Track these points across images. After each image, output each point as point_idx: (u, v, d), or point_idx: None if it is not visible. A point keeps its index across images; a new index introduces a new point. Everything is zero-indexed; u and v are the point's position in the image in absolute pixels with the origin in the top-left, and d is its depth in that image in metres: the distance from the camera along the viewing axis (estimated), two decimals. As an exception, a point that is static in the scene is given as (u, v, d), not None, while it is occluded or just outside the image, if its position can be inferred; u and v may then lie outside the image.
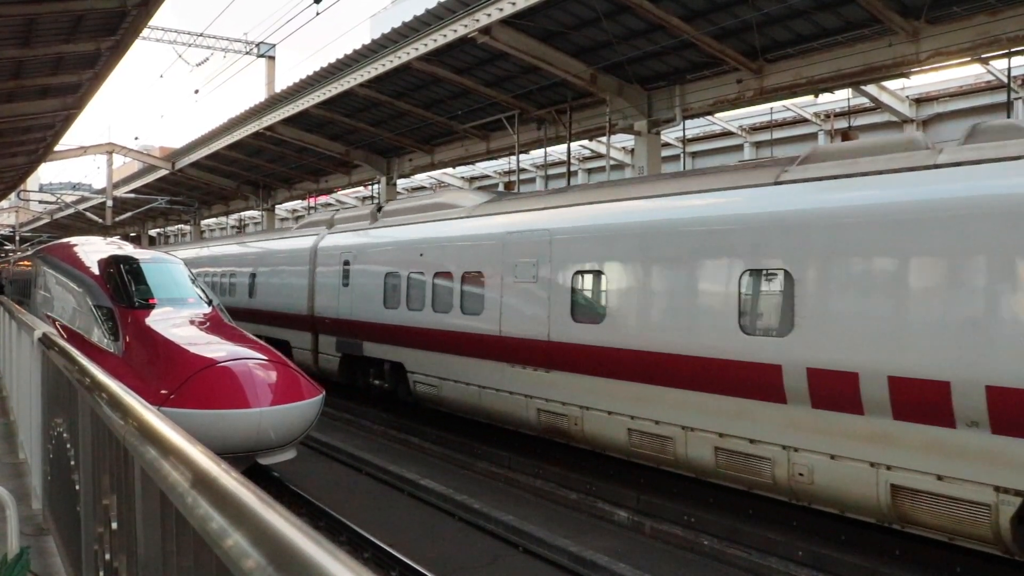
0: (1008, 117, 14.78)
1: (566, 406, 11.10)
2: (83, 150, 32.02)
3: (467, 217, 13.68)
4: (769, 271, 8.72)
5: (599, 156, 24.50)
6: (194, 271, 24.24)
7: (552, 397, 11.33)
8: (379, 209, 17.01)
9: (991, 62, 14.52)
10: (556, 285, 11.30)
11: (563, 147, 18.29)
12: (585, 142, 22.37)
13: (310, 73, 19.36)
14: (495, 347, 12.30)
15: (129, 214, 40.11)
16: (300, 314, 18.51)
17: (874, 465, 7.63)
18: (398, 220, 15.77)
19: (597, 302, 10.88)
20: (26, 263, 20.83)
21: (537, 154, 22.22)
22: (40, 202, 50.93)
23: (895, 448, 7.47)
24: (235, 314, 20.24)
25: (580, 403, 10.88)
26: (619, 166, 23.85)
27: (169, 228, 52.50)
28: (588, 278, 11.11)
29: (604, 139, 17.80)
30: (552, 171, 25.38)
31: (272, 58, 42.72)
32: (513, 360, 11.97)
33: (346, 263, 16.75)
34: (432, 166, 23.93)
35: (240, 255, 22.97)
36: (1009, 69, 13.72)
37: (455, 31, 14.31)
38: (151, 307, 12.06)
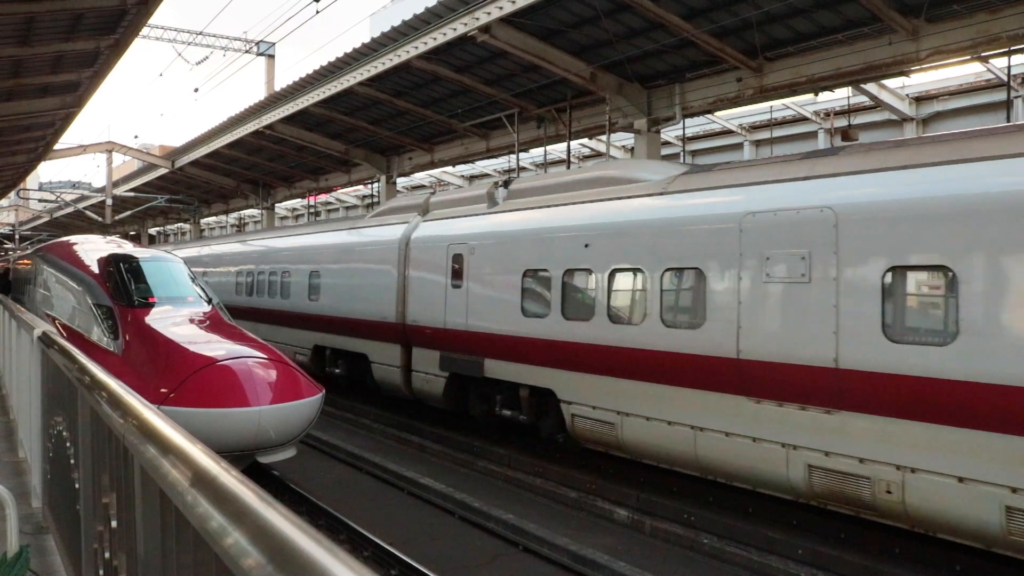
0: (1008, 115, 14.77)
1: (868, 464, 7.78)
2: (83, 149, 31.99)
3: (661, 194, 10.41)
4: None
5: (599, 155, 24.51)
6: (230, 270, 22.09)
7: (838, 449, 8.02)
8: (504, 185, 13.64)
9: (991, 60, 14.51)
10: (850, 286, 7.98)
11: (563, 145, 18.29)
12: (585, 140, 22.37)
13: (310, 72, 19.35)
14: (726, 374, 9.03)
15: (129, 212, 40.10)
16: (384, 322, 15.20)
17: None
18: (537, 201, 12.43)
19: (939, 312, 7.50)
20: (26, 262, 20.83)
21: (537, 153, 22.23)
22: (40, 200, 50.91)
23: None
24: (289, 320, 19.07)
25: (898, 460, 7.55)
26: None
27: (169, 227, 52.47)
28: (917, 278, 7.75)
29: (604, 137, 17.79)
30: (552, 169, 25.37)
31: (272, 56, 42.73)
32: (760, 393, 8.72)
33: (456, 258, 13.49)
34: (432, 165, 23.91)
35: (294, 250, 19.69)
36: (1009, 67, 13.70)
37: (455, 29, 14.30)
38: (151, 306, 12.06)
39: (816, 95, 15.68)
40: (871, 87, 16.59)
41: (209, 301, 13.02)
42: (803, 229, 8.42)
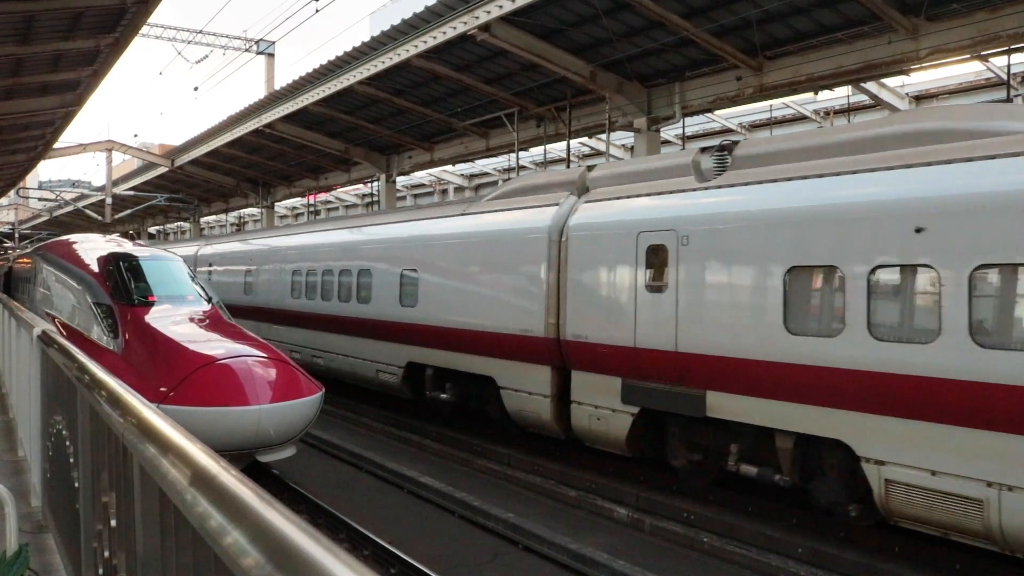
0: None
1: None
2: (82, 147, 32.00)
3: None
4: None
5: (599, 153, 24.50)
6: (278, 267, 19.83)
7: None
8: (722, 151, 9.83)
9: (990, 59, 14.51)
10: None
11: (562, 144, 18.29)
12: (585, 139, 22.37)
13: (309, 70, 19.35)
14: None
15: (128, 211, 40.10)
16: (525, 335, 11.61)
17: None
18: (795, 170, 8.74)
19: None
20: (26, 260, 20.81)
21: (536, 151, 22.23)
22: (40, 199, 50.91)
23: None
24: (371, 330, 15.38)
25: None
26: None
27: (169, 226, 52.47)
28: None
29: (604, 136, 17.79)
30: (551, 168, 25.40)
31: (271, 55, 42.75)
32: None
33: (654, 251, 9.92)
34: (431, 163, 23.92)
35: (378, 244, 15.73)
36: (1009, 66, 13.71)
37: (455, 28, 14.30)
38: (150, 304, 12.06)
39: (816, 94, 15.68)
40: (871, 86, 16.58)
41: (209, 300, 13.03)
42: None
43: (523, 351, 11.75)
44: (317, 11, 23.08)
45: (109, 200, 33.61)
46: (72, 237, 16.91)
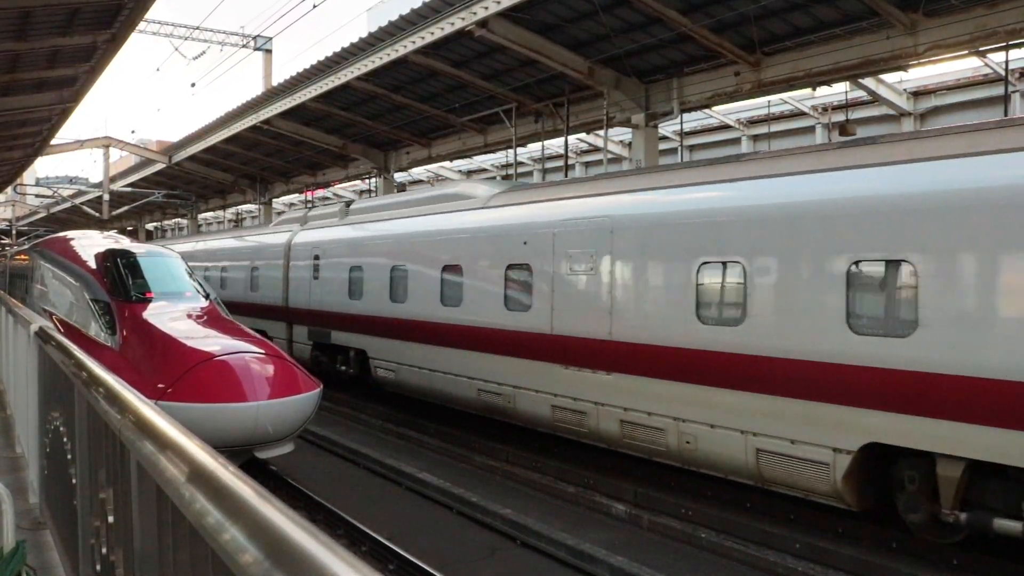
0: (1005, 110, 14.77)
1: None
2: (80, 144, 31.94)
3: None
4: None
5: (596, 150, 24.47)
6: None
7: None
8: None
9: (989, 55, 14.51)
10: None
11: (560, 140, 18.26)
12: (582, 135, 22.35)
13: (307, 67, 19.32)
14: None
15: (126, 208, 40.04)
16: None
17: None
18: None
19: None
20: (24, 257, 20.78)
21: (534, 147, 22.21)
22: (37, 196, 50.85)
23: None
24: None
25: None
26: (616, 159, 23.82)
27: (166, 222, 52.41)
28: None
29: (602, 132, 17.78)
30: (549, 164, 25.39)
31: (269, 51, 42.69)
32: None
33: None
34: (429, 159, 23.90)
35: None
36: (1007, 62, 13.71)
37: (452, 24, 14.27)
38: (148, 301, 12.05)
39: (814, 90, 15.68)
40: (869, 82, 16.58)
41: (207, 296, 13.02)
42: None
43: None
44: (315, 6, 23.06)
45: (106, 197, 33.52)
46: (70, 234, 16.90)
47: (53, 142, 25.47)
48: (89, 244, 13.99)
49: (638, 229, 10.19)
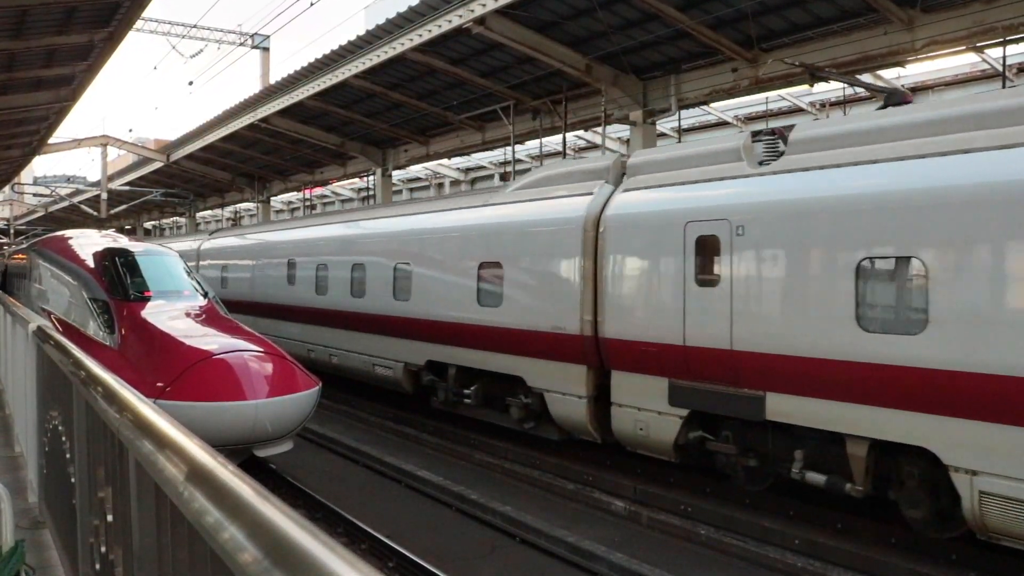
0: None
1: None
2: (77, 143, 31.87)
3: None
4: None
5: (595, 147, 24.48)
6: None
7: None
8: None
9: (986, 51, 14.50)
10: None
11: (558, 137, 18.26)
12: (581, 132, 22.34)
13: (304, 64, 19.29)
14: None
15: (124, 207, 40.00)
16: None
17: None
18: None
19: None
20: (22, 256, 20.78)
21: (532, 145, 22.20)
22: (34, 195, 50.78)
23: None
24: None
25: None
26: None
27: (164, 221, 52.38)
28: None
29: (600, 129, 17.77)
30: (548, 162, 25.40)
31: (267, 49, 42.65)
32: None
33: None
34: (427, 157, 23.87)
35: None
36: (1004, 57, 13.71)
37: (450, 21, 14.25)
38: (146, 300, 12.05)
39: (812, 86, 15.67)
40: (867, 78, 16.58)
41: (205, 295, 13.02)
42: None
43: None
44: (312, 4, 23.04)
45: (104, 195, 33.48)
46: (68, 232, 16.90)
47: (51, 141, 25.42)
48: (87, 243, 13.98)
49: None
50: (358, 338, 15.90)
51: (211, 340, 10.65)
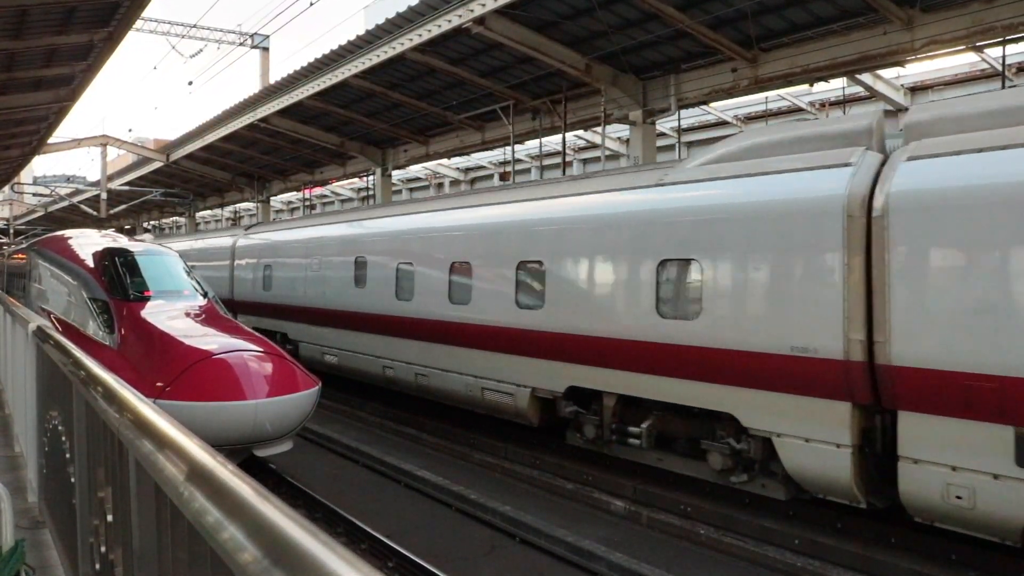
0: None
1: None
2: (77, 142, 31.85)
3: None
4: None
5: (594, 146, 24.48)
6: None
7: None
8: None
9: (985, 50, 14.50)
10: None
11: (558, 137, 18.26)
12: (580, 132, 22.34)
13: (304, 64, 19.29)
14: None
15: (123, 206, 39.97)
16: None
17: None
18: None
19: None
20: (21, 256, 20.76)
21: (532, 144, 22.20)
22: (34, 195, 50.75)
23: None
24: None
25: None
26: (614, 156, 23.83)
27: (164, 220, 52.35)
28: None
29: (599, 129, 17.77)
30: (547, 162, 25.40)
31: (266, 49, 42.63)
32: None
33: None
34: (427, 157, 23.88)
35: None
36: (1004, 57, 13.71)
37: (449, 21, 14.25)
38: (146, 299, 12.04)
39: (811, 86, 15.67)
40: (866, 77, 16.58)
41: (205, 295, 13.01)
42: None
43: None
44: (312, 4, 23.02)
45: (104, 195, 33.47)
46: (67, 232, 16.89)
47: (50, 141, 25.41)
48: (87, 243, 13.98)
49: None
50: (458, 354, 12.93)
51: (211, 340, 10.65)
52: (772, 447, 8.54)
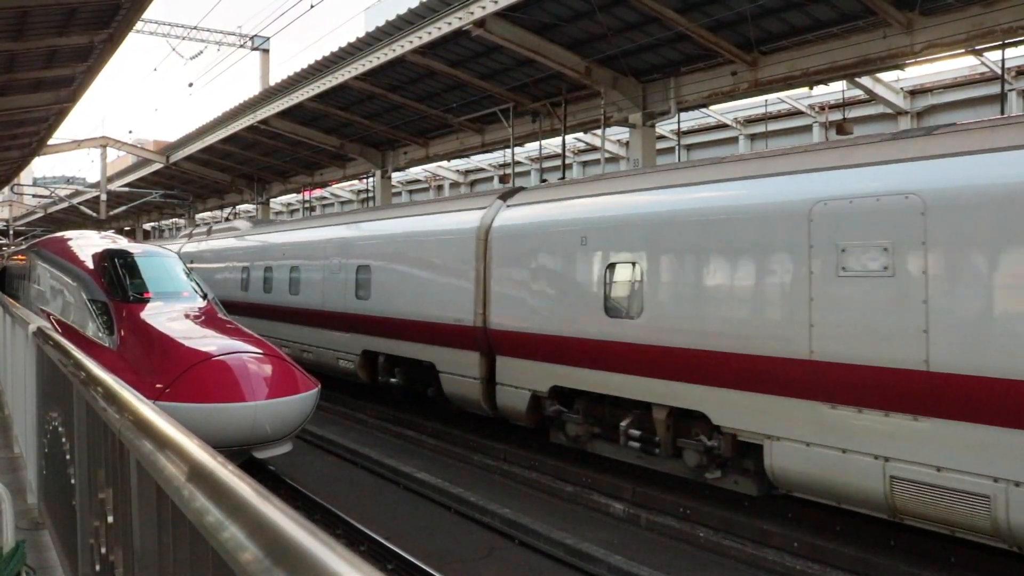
0: (1002, 108, 14.79)
1: None
2: (77, 144, 31.85)
3: None
4: None
5: (594, 149, 24.48)
6: None
7: None
8: None
9: (985, 54, 14.52)
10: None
11: (558, 140, 18.27)
12: (580, 135, 22.34)
13: (304, 66, 19.29)
14: None
15: (123, 208, 39.97)
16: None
17: None
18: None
19: None
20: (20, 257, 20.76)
21: (532, 147, 22.20)
22: (34, 196, 50.75)
23: None
24: None
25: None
26: (614, 159, 23.83)
27: (164, 222, 52.35)
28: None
29: (599, 132, 17.78)
30: (547, 164, 25.41)
31: (266, 51, 42.68)
32: None
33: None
34: (427, 159, 23.88)
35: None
36: (1003, 60, 13.71)
37: (449, 24, 14.26)
38: (146, 301, 12.05)
39: (811, 89, 15.68)
40: (866, 81, 16.59)
41: (204, 296, 13.02)
42: None
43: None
44: (312, 6, 23.05)
45: (104, 196, 33.46)
46: (67, 233, 16.90)
47: (50, 142, 25.41)
48: (86, 244, 13.99)
49: None
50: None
51: (210, 341, 10.65)
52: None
